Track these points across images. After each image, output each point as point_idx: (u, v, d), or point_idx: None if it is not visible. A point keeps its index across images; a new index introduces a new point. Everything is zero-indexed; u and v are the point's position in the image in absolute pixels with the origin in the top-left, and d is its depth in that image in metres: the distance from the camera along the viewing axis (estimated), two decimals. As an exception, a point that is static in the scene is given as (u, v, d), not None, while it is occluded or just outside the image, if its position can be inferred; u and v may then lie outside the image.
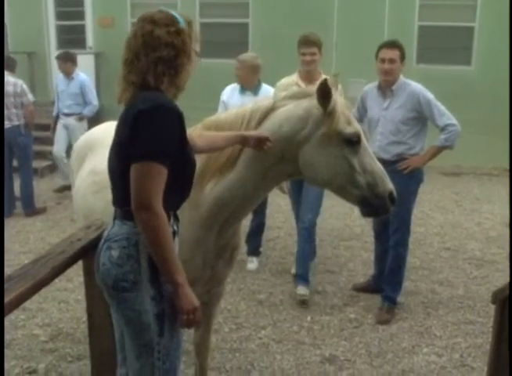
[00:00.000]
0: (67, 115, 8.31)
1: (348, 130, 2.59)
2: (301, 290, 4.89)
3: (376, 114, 4.62)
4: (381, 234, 4.99)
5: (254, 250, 5.74)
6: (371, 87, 4.73)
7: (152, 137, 2.06)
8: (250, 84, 5.43)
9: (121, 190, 2.21)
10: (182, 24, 2.22)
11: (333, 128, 2.56)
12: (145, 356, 2.24)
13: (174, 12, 2.24)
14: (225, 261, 2.99)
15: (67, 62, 8.26)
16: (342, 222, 7.17)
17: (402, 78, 4.54)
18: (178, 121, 2.15)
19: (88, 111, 8.32)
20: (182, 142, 2.20)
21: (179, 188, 2.26)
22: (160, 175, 2.07)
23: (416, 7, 10.43)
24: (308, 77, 4.93)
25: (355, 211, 6.82)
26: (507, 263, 5.74)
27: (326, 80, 2.55)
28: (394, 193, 2.69)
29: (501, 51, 9.80)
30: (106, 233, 2.31)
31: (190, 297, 2.16)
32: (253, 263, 5.65)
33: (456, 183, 9.47)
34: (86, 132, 4.08)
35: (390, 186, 2.68)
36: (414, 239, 6.46)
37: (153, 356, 2.24)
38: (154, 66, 2.17)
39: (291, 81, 4.95)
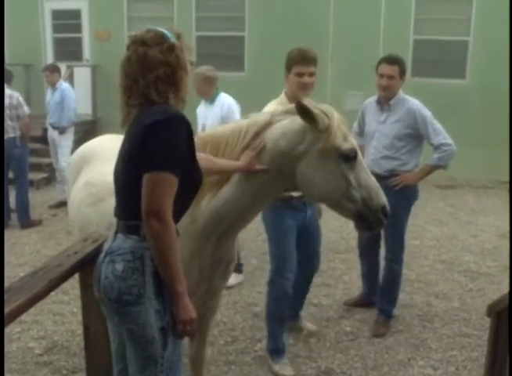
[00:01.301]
0: (53, 127, 8.41)
1: (345, 146, 2.60)
2: (285, 369, 4.03)
3: (373, 128, 4.58)
4: (366, 251, 5.00)
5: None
6: (371, 101, 4.71)
7: (164, 147, 2.10)
8: (206, 94, 5.68)
9: (128, 202, 2.23)
10: (172, 39, 2.23)
11: (330, 144, 2.58)
12: (149, 369, 2.24)
13: (162, 29, 2.26)
14: (220, 273, 2.99)
15: (54, 72, 8.41)
16: (338, 234, 7.17)
17: (400, 93, 4.49)
18: (187, 132, 2.18)
19: (65, 122, 8.36)
20: (191, 152, 2.23)
21: (185, 198, 2.27)
22: (171, 185, 2.10)
23: (411, 21, 10.52)
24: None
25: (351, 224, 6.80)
26: (503, 276, 5.76)
27: (298, 102, 2.58)
28: (387, 206, 2.71)
29: (495, 64, 9.87)
30: (106, 246, 2.31)
31: (188, 308, 2.19)
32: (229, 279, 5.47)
33: (451, 196, 9.50)
34: (80, 145, 4.07)
35: (383, 199, 2.70)
36: (409, 251, 6.45)
37: (156, 369, 2.24)
38: (154, 86, 2.19)
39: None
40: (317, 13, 10.64)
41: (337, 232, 7.23)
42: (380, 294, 4.82)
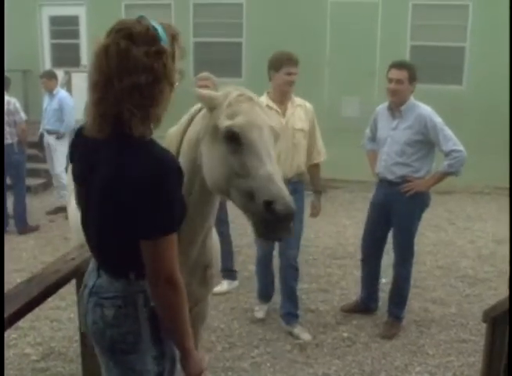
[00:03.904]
0: (49, 132, 8.45)
1: (224, 124, 2.22)
2: (303, 334, 4.65)
3: (385, 134, 4.62)
4: (369, 257, 4.99)
5: (223, 272, 5.43)
6: (383, 107, 4.73)
7: (164, 209, 1.86)
8: None
9: (113, 255, 2.04)
10: (164, 42, 1.88)
11: (214, 123, 2.28)
12: None
13: (156, 24, 1.92)
14: (198, 280, 2.83)
15: (52, 79, 8.44)
16: (335, 240, 7.18)
17: (411, 100, 4.50)
18: (180, 180, 1.93)
19: (63, 128, 8.39)
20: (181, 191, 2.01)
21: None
22: (175, 242, 1.92)
23: (408, 27, 10.55)
24: (282, 99, 4.45)
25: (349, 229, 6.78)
26: (500, 281, 5.77)
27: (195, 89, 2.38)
28: (278, 202, 2.08)
29: (491, 70, 9.91)
30: (90, 283, 2.13)
31: (199, 361, 2.06)
32: (221, 285, 5.47)
33: (448, 201, 9.50)
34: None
35: (273, 192, 2.11)
36: (407, 257, 6.48)
37: None
38: (129, 94, 1.83)
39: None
40: (314, 20, 10.67)
41: (334, 237, 7.24)
42: (389, 298, 4.88)
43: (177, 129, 2.55)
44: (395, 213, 4.62)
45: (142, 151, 1.86)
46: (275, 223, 2.11)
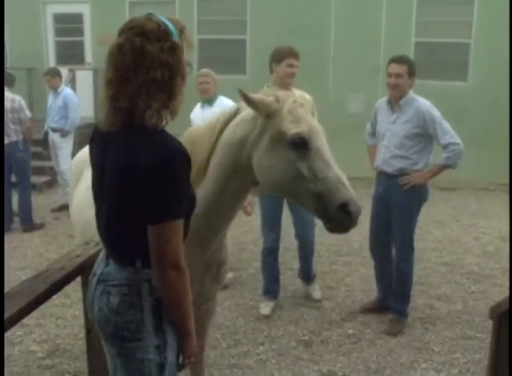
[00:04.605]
0: (54, 130, 8.46)
1: (292, 130, 2.35)
2: (315, 292, 5.31)
3: (384, 128, 4.65)
4: (376, 253, 4.99)
5: None
6: (382, 101, 4.77)
7: (172, 193, 1.91)
8: (210, 93, 5.58)
9: (121, 242, 2.08)
10: (176, 36, 1.97)
11: (277, 129, 2.38)
12: None
13: (165, 19, 1.99)
14: (211, 276, 2.88)
15: (56, 76, 8.44)
16: (340, 237, 7.15)
17: (411, 94, 4.54)
18: (188, 167, 1.99)
19: (68, 126, 8.41)
20: (189, 182, 2.06)
21: (185, 224, 2.05)
22: (181, 228, 1.96)
23: (412, 23, 10.53)
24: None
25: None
26: (505, 278, 5.75)
27: (240, 91, 2.41)
28: (351, 204, 2.35)
29: (497, 67, 9.88)
30: (98, 271, 2.17)
31: (195, 343, 2.14)
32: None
33: (452, 198, 9.49)
34: (82, 148, 4.07)
35: (344, 195, 2.34)
36: (412, 254, 6.46)
37: None
38: (146, 89, 1.92)
39: None
40: (318, 16, 10.66)
41: (339, 234, 7.20)
42: (392, 294, 4.87)
43: (207, 129, 2.61)
44: (394, 207, 4.64)
45: (150, 139, 1.93)
46: (349, 222, 2.38)
